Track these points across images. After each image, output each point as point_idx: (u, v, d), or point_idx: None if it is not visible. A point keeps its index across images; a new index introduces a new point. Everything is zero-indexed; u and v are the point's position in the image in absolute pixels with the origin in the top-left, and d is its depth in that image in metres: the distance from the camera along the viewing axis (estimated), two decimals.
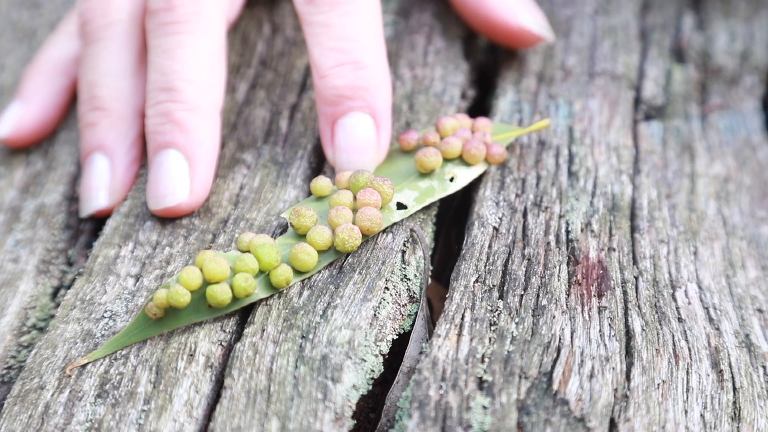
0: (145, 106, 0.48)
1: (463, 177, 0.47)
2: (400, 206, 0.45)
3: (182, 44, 0.47)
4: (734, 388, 0.41)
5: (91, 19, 0.51)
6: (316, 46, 0.47)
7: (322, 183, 0.46)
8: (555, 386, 0.39)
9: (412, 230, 0.45)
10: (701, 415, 0.39)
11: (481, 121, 0.49)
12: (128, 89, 0.50)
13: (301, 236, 0.44)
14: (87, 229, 0.50)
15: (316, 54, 0.47)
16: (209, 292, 0.40)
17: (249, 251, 0.42)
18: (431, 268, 0.46)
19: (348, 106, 0.47)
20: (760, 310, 0.45)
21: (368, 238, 0.44)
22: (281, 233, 0.45)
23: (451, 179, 0.47)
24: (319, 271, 0.43)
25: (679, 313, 0.43)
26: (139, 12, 0.51)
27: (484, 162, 0.48)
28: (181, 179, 0.46)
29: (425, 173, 0.47)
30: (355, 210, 0.44)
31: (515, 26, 0.54)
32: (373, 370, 0.40)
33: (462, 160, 0.48)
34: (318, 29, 0.48)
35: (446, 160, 0.47)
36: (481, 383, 0.39)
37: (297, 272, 0.43)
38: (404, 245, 0.44)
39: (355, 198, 0.44)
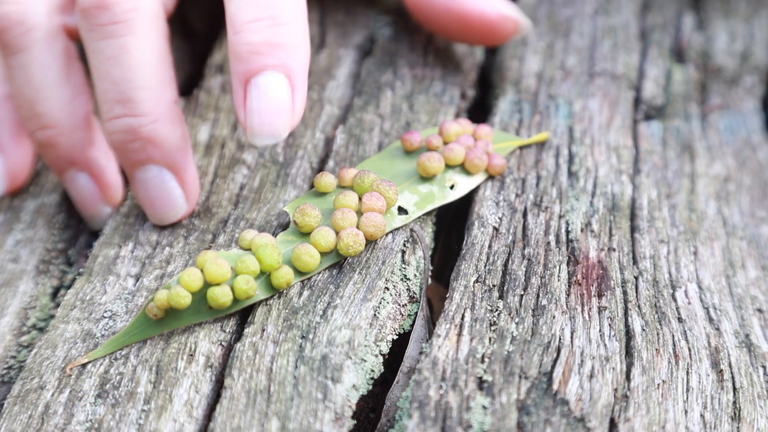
0: (102, 115, 0.45)
1: (463, 186, 0.47)
2: (401, 211, 0.45)
3: (127, 48, 0.44)
4: (734, 388, 0.41)
5: (7, 27, 0.47)
6: (232, 0, 0.44)
7: (326, 180, 0.46)
8: (555, 386, 0.39)
9: (412, 230, 0.45)
10: (701, 415, 0.39)
11: (483, 129, 0.49)
12: (69, 96, 0.47)
13: (304, 234, 0.44)
14: (87, 229, 0.50)
15: (232, 8, 0.44)
16: (210, 294, 0.40)
17: (250, 249, 0.42)
18: (431, 268, 0.46)
19: (262, 64, 0.43)
20: (760, 310, 0.45)
21: None
22: (283, 230, 0.45)
23: (452, 187, 0.47)
24: (320, 272, 0.43)
25: (679, 313, 0.43)
26: (54, 7, 0.48)
27: (484, 172, 0.48)
28: (175, 194, 0.45)
29: (426, 177, 0.47)
30: (359, 212, 0.44)
31: (494, 14, 0.52)
32: (373, 370, 0.40)
33: (463, 168, 0.48)
34: None
35: (448, 166, 0.47)
36: (481, 383, 0.39)
37: (298, 272, 0.43)
38: (404, 245, 0.44)
39: (359, 199, 0.44)
